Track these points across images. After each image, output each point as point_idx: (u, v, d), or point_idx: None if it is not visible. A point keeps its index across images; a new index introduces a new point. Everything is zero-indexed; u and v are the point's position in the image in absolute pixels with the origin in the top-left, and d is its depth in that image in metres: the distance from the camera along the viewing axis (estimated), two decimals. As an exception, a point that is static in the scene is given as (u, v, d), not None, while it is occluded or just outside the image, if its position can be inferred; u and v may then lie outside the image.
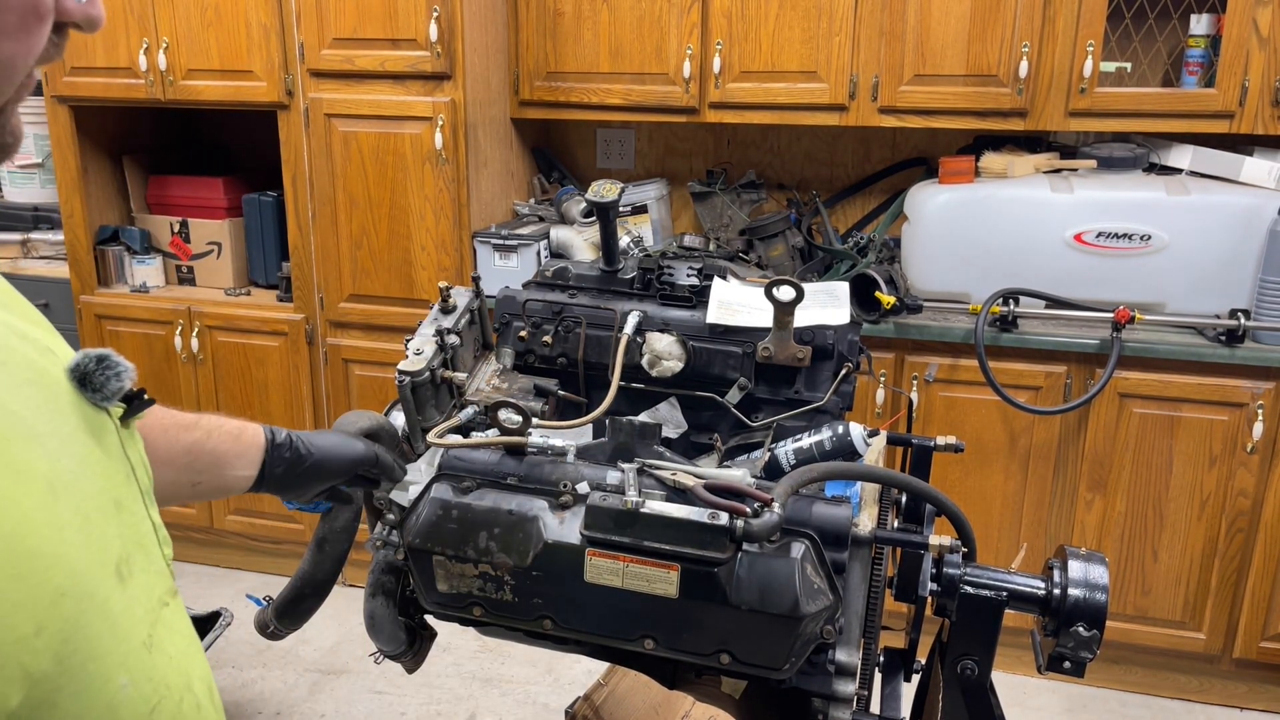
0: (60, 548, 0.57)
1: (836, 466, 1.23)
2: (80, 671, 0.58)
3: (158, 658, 0.67)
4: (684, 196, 3.27)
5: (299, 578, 1.33)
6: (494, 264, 2.89)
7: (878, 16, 2.70)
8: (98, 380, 0.68)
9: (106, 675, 0.60)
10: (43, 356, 0.66)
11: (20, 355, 0.63)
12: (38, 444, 0.59)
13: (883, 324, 2.65)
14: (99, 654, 0.59)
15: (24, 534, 0.55)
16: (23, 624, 0.53)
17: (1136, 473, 2.61)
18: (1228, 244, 2.54)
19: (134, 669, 0.63)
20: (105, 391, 0.68)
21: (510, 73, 3.03)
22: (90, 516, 0.62)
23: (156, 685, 0.66)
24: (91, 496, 0.64)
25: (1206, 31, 2.62)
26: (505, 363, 1.54)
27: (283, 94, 2.90)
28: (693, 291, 1.53)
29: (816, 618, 1.12)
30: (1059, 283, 2.62)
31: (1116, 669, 2.78)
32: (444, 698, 2.75)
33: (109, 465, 0.68)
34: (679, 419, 1.51)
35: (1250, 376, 2.48)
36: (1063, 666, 1.19)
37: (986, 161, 2.77)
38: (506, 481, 1.23)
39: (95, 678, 0.59)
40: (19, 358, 0.63)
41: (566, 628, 1.21)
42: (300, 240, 3.03)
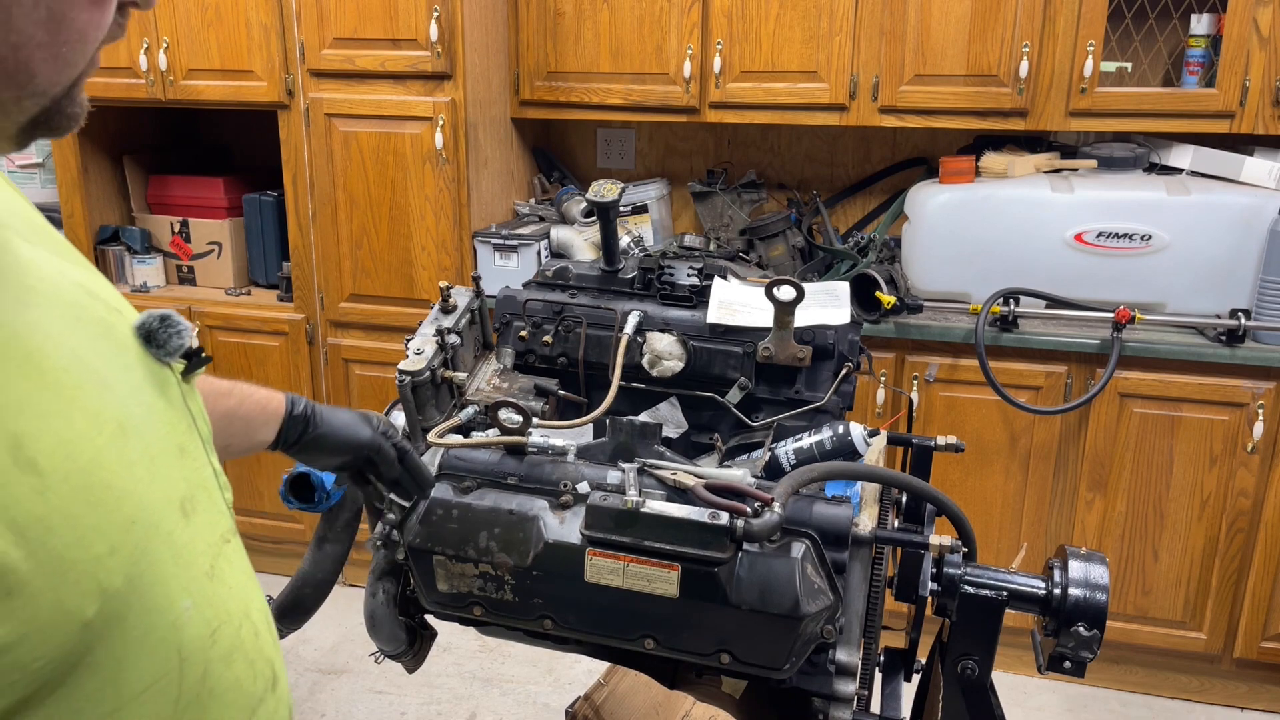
0: (130, 483, 0.64)
1: (837, 466, 1.23)
2: (148, 591, 0.64)
3: (219, 587, 0.73)
4: (684, 196, 3.27)
5: (299, 577, 1.33)
6: (494, 264, 2.89)
7: (878, 16, 2.70)
8: (161, 337, 0.74)
9: (171, 597, 0.66)
10: (111, 314, 0.72)
11: (92, 313, 0.69)
12: (109, 391, 0.66)
13: (883, 324, 2.65)
14: (164, 578, 0.66)
15: (98, 469, 0.61)
16: (97, 544, 0.59)
17: (1137, 473, 2.61)
18: (1228, 244, 2.54)
19: (197, 594, 0.69)
20: (168, 348, 0.74)
21: (510, 72, 3.03)
22: (156, 458, 0.69)
23: (218, 611, 0.72)
24: (157, 441, 0.70)
25: (1207, 31, 2.62)
26: (505, 363, 1.54)
27: (283, 94, 2.90)
28: (693, 291, 1.53)
29: (817, 618, 1.12)
30: (1059, 283, 2.62)
31: (1117, 669, 2.78)
32: (444, 697, 2.75)
33: (172, 414, 0.74)
34: (679, 419, 1.51)
35: (1251, 376, 2.48)
36: (1063, 666, 1.19)
37: (987, 161, 2.77)
38: (507, 481, 1.23)
39: (161, 599, 0.65)
40: (91, 315, 0.69)
41: (567, 627, 1.21)
42: (300, 240, 3.03)
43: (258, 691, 0.76)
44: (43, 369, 0.60)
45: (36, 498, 0.56)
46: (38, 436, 0.57)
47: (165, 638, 0.66)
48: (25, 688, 0.56)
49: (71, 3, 0.60)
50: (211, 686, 0.70)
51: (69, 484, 0.58)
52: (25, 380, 0.58)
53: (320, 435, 1.13)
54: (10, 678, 0.55)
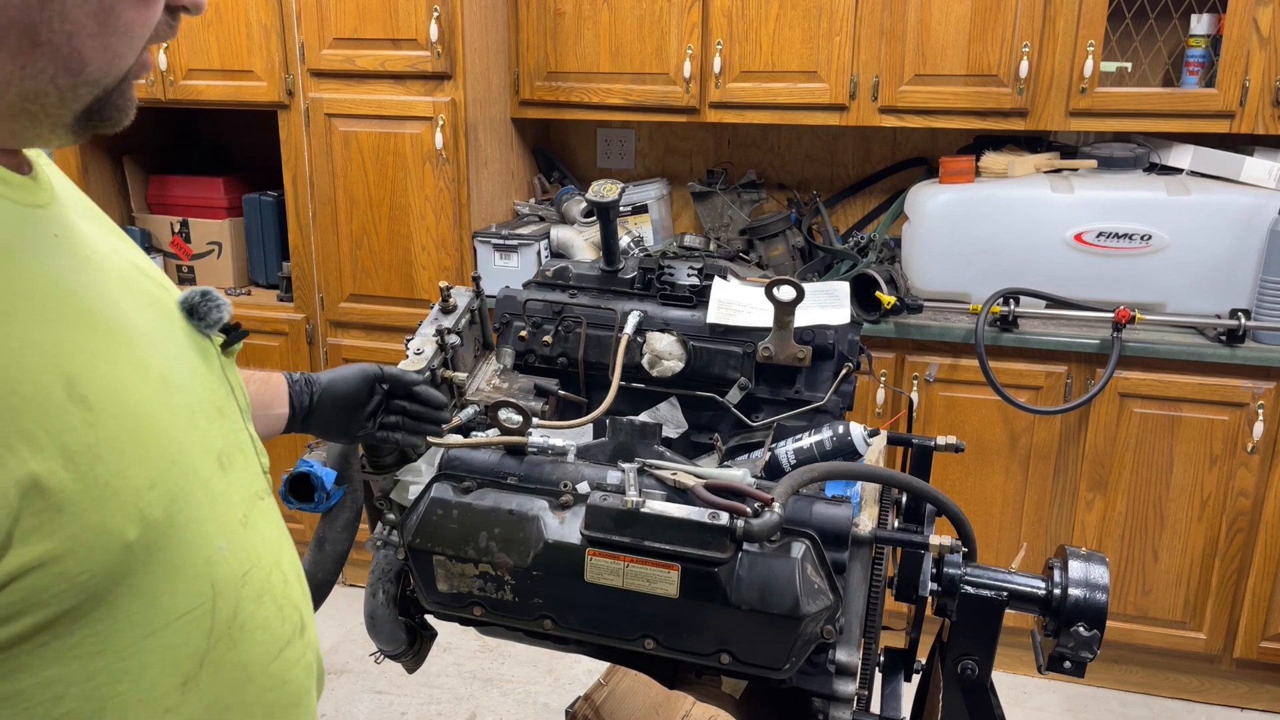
0: (171, 429, 0.71)
1: (836, 466, 1.23)
2: (185, 527, 0.70)
3: (251, 534, 0.79)
4: (684, 196, 3.27)
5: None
6: (494, 264, 2.89)
7: (878, 16, 2.70)
8: (202, 310, 0.81)
9: (207, 536, 0.72)
10: (157, 289, 0.80)
11: (140, 285, 0.77)
12: (155, 350, 0.72)
13: (883, 324, 2.65)
14: (201, 518, 0.72)
15: (143, 412, 0.68)
16: (139, 476, 0.66)
17: (1137, 473, 2.61)
18: (1228, 244, 2.54)
19: (230, 537, 0.75)
20: (208, 320, 0.81)
21: (510, 73, 3.03)
22: (196, 414, 0.75)
23: (250, 555, 0.77)
24: (197, 399, 0.76)
25: (1207, 31, 2.62)
26: (505, 363, 1.54)
27: (283, 94, 2.91)
28: (693, 291, 1.53)
29: (817, 618, 1.12)
30: (1059, 283, 2.62)
31: (1116, 669, 2.78)
32: (444, 697, 2.75)
33: (212, 380, 0.81)
34: (679, 419, 1.51)
35: (1250, 376, 2.48)
36: (1063, 666, 1.19)
37: (987, 161, 2.77)
38: (507, 481, 1.23)
39: (197, 535, 0.71)
40: (140, 287, 0.77)
41: (567, 627, 1.21)
42: (300, 240, 3.03)
43: (286, 634, 0.81)
44: (95, 323, 0.67)
45: (86, 428, 0.62)
46: (89, 377, 0.64)
47: (200, 572, 0.71)
48: (72, 598, 0.62)
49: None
50: (242, 623, 0.75)
51: (116, 420, 0.65)
52: (79, 330, 0.65)
53: (327, 385, 1.15)
54: (59, 587, 0.61)
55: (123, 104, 0.69)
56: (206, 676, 0.72)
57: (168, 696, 0.69)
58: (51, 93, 0.65)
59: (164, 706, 0.69)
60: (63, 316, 0.64)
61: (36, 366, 0.61)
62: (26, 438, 0.59)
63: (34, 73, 0.63)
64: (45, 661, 0.63)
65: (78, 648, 0.64)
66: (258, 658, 0.77)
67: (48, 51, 0.63)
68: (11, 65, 0.62)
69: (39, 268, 0.65)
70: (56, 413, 0.61)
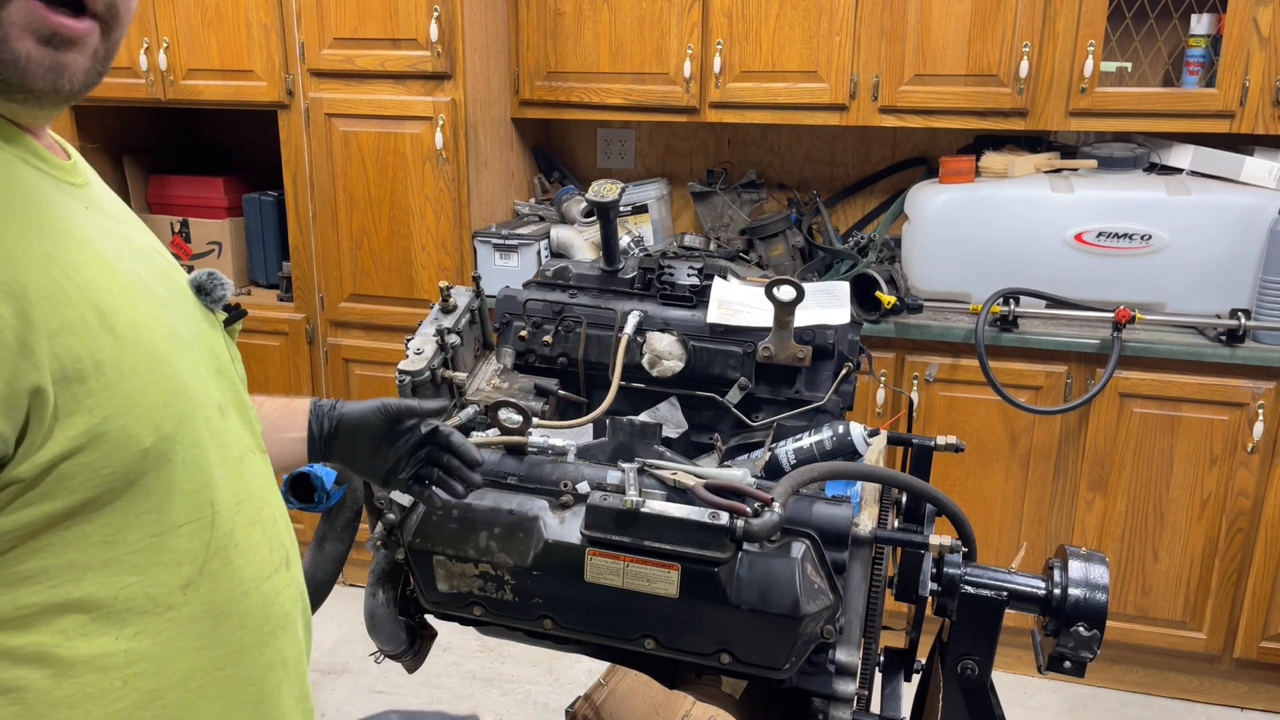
0: (178, 369, 0.80)
1: (836, 466, 1.23)
2: (190, 447, 0.80)
3: (245, 472, 0.87)
4: (684, 196, 3.27)
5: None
6: (494, 264, 2.89)
7: (878, 16, 2.70)
8: (209, 287, 0.90)
9: (207, 461, 0.81)
10: (169, 267, 0.89)
11: (156, 262, 0.87)
12: (165, 309, 0.82)
13: (883, 324, 2.65)
14: (203, 443, 0.81)
15: (157, 348, 0.78)
16: (155, 395, 0.76)
17: (1137, 472, 2.61)
18: (1228, 244, 2.54)
19: (228, 470, 0.84)
20: (214, 296, 0.90)
21: (510, 72, 3.03)
22: (199, 366, 0.84)
23: (244, 488, 0.86)
24: (201, 356, 0.85)
25: (1207, 31, 2.62)
26: (505, 362, 1.54)
27: (283, 94, 2.90)
28: (693, 291, 1.53)
29: (817, 617, 1.12)
30: (1059, 283, 2.62)
31: (1116, 669, 2.78)
32: (444, 698, 2.75)
33: (215, 345, 0.89)
34: (679, 419, 1.51)
35: (1250, 376, 2.48)
36: (1063, 666, 1.19)
37: (987, 161, 2.77)
38: (507, 481, 1.23)
39: (199, 458, 0.81)
40: (156, 263, 0.86)
41: (567, 627, 1.21)
42: (300, 240, 3.03)
43: (273, 562, 0.89)
44: (118, 275, 0.77)
45: (115, 350, 0.73)
46: (115, 313, 0.74)
47: (201, 489, 0.81)
48: (93, 489, 0.73)
49: None
50: (237, 543, 0.84)
51: (137, 348, 0.75)
52: (106, 277, 0.76)
53: (344, 413, 1.13)
54: (84, 476, 0.72)
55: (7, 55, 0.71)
56: (205, 584, 0.81)
57: (171, 595, 0.78)
58: None
59: (167, 604, 0.78)
60: (94, 264, 0.75)
61: (77, 296, 0.72)
62: (68, 347, 0.70)
63: None
64: (65, 544, 0.73)
65: (93, 535, 0.74)
66: (249, 576, 0.85)
67: None
68: None
69: (71, 225, 0.76)
70: (92, 334, 0.72)
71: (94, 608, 0.74)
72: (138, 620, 0.76)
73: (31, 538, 0.71)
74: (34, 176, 0.76)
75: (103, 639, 0.75)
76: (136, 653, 0.76)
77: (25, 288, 0.68)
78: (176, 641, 0.79)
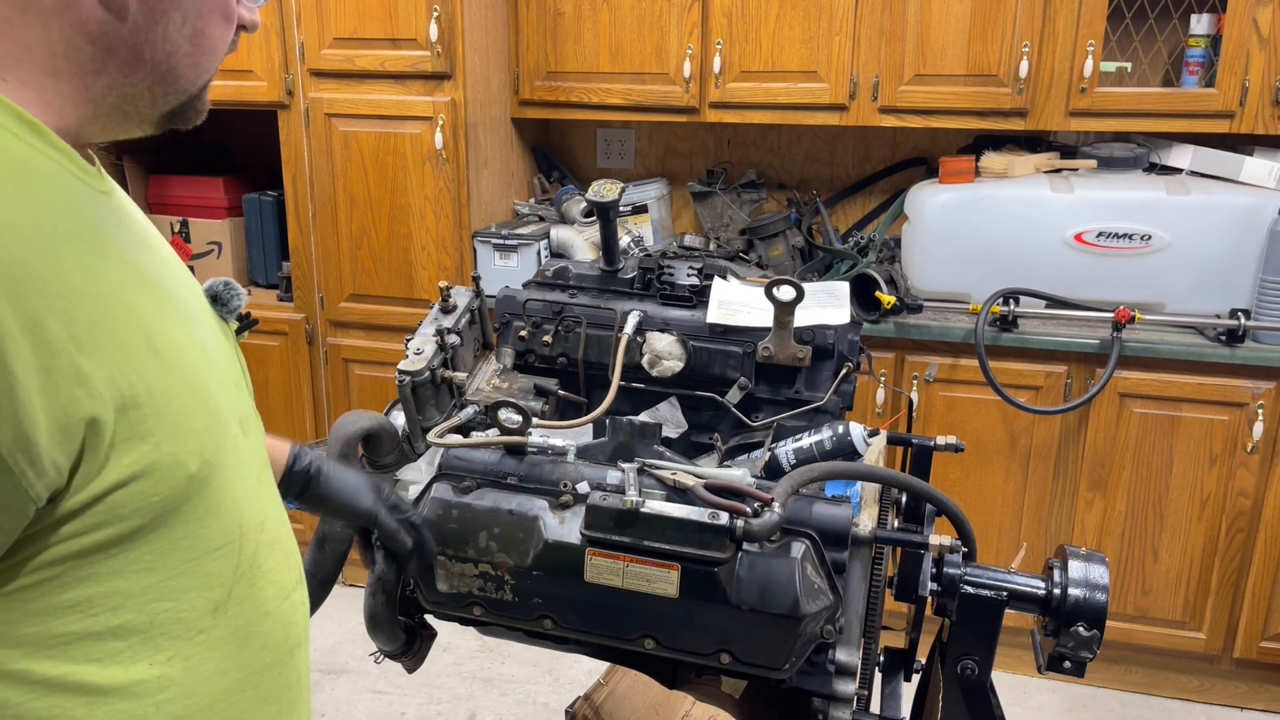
0: (211, 389, 0.80)
1: (836, 466, 1.23)
2: (224, 471, 0.79)
3: (263, 490, 0.88)
4: (684, 196, 3.27)
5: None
6: (494, 264, 2.89)
7: (878, 16, 2.70)
8: (225, 297, 0.90)
9: (235, 483, 0.81)
10: (189, 276, 0.89)
11: (180, 271, 0.87)
12: (196, 325, 0.82)
13: (883, 324, 2.65)
14: (231, 465, 0.81)
15: (195, 370, 0.78)
16: (197, 420, 0.76)
17: (1136, 473, 2.61)
18: (1228, 244, 2.54)
19: (250, 489, 0.85)
20: (230, 307, 0.91)
21: (510, 72, 3.03)
22: (224, 383, 0.84)
23: (264, 507, 0.87)
24: (223, 371, 0.86)
25: (1207, 31, 2.62)
26: (505, 362, 1.54)
27: (283, 94, 2.90)
28: (693, 291, 1.53)
29: (816, 617, 1.12)
30: (1059, 283, 2.62)
31: (1116, 669, 2.78)
32: (444, 697, 2.75)
33: (232, 357, 0.90)
34: (679, 419, 1.51)
35: (1250, 376, 2.48)
36: (1063, 666, 1.19)
37: (986, 161, 2.77)
38: (507, 481, 1.23)
39: (230, 480, 0.81)
40: (179, 272, 0.86)
41: (567, 627, 1.21)
42: (300, 240, 3.03)
43: (290, 581, 0.90)
44: (157, 293, 0.77)
45: (160, 373, 0.72)
46: (159, 334, 0.74)
47: (232, 512, 0.81)
48: (142, 517, 0.72)
49: (210, 21, 0.78)
50: (260, 564, 0.84)
51: (179, 371, 0.75)
52: (148, 296, 0.75)
53: (321, 495, 1.17)
54: (135, 504, 0.71)
55: (200, 106, 0.84)
56: (233, 606, 0.81)
57: (201, 619, 0.78)
58: (146, 98, 0.78)
59: (198, 628, 0.78)
60: (136, 283, 0.74)
61: (124, 319, 0.71)
62: (122, 373, 0.69)
63: (134, 82, 0.76)
64: (110, 572, 0.72)
65: (137, 563, 0.73)
66: (271, 596, 0.86)
67: (149, 66, 0.75)
68: (118, 75, 0.74)
69: (113, 241, 0.75)
70: (140, 357, 0.71)
71: (131, 634, 0.74)
72: (171, 645, 0.76)
73: (78, 567, 0.70)
74: (76, 188, 0.74)
75: (137, 666, 0.74)
76: (169, 678, 0.76)
77: (76, 310, 0.66)
78: (205, 665, 0.79)
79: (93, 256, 0.70)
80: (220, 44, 0.81)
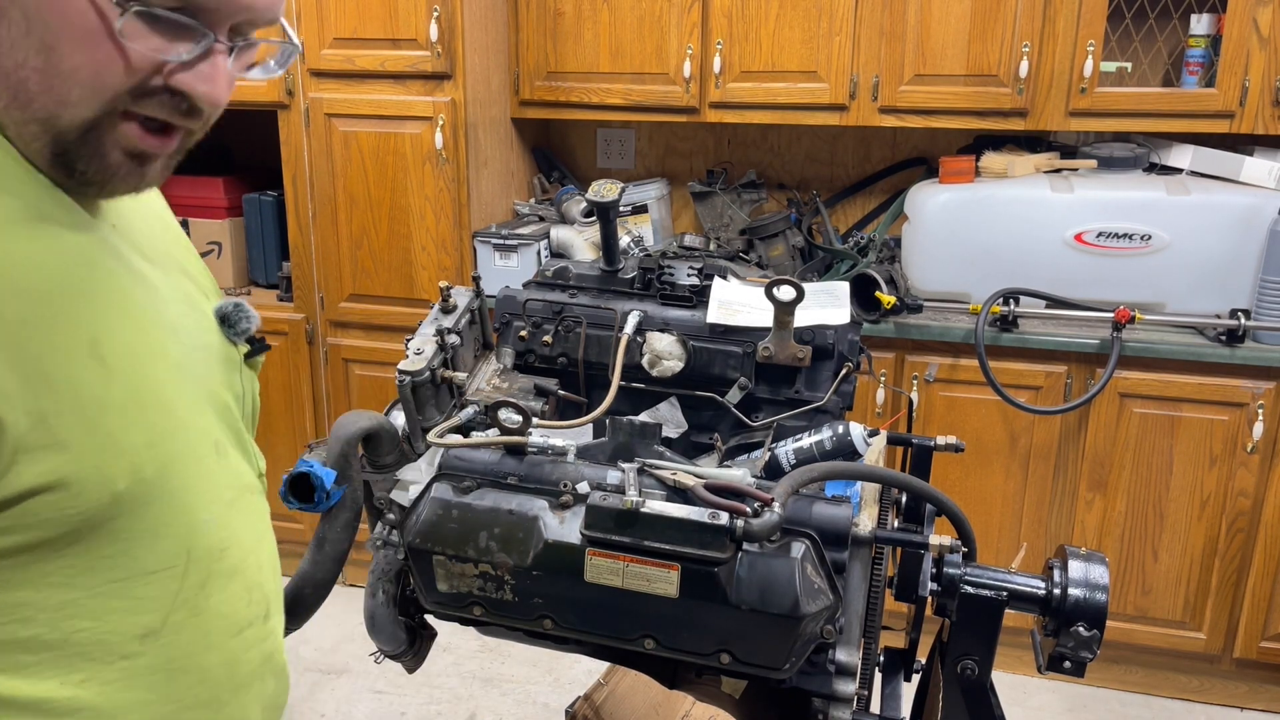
0: (177, 406, 0.76)
1: (836, 466, 1.23)
2: (176, 492, 0.76)
3: (236, 516, 0.84)
4: (684, 196, 3.27)
5: (299, 577, 1.33)
6: (494, 264, 2.89)
7: (878, 16, 2.70)
8: (234, 319, 0.88)
9: (193, 507, 0.78)
10: (198, 293, 0.88)
11: (182, 287, 0.85)
12: (176, 338, 0.79)
13: (883, 324, 2.65)
14: (191, 489, 0.77)
15: (154, 383, 0.74)
16: (138, 434, 0.72)
17: (1136, 473, 2.61)
18: (1228, 244, 2.54)
19: (216, 514, 0.80)
20: (238, 329, 0.88)
21: (510, 72, 3.03)
22: (202, 401, 0.81)
23: (232, 534, 0.82)
24: (207, 389, 0.82)
25: (1207, 31, 2.62)
26: (505, 362, 1.54)
27: (283, 93, 2.90)
28: (693, 291, 1.53)
29: (816, 617, 1.12)
30: (1059, 283, 2.62)
31: (1116, 669, 2.78)
32: (444, 697, 2.75)
33: (228, 380, 0.87)
34: (679, 419, 1.51)
35: (1250, 376, 2.48)
36: (1063, 666, 1.19)
37: (986, 161, 2.77)
38: (507, 481, 1.23)
39: (184, 503, 0.77)
40: (180, 288, 0.84)
41: (566, 627, 1.21)
42: (300, 240, 3.03)
43: (249, 615, 0.85)
44: (126, 300, 0.74)
45: (100, 384, 0.69)
46: (111, 343, 0.71)
47: (179, 535, 0.77)
48: (56, 529, 0.68)
49: (60, 37, 0.66)
50: (209, 594, 0.80)
51: (127, 382, 0.71)
52: (110, 301, 0.72)
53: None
54: (48, 514, 0.67)
55: (97, 162, 0.71)
56: (167, 635, 0.77)
57: (126, 644, 0.74)
58: (9, 124, 0.69)
59: (121, 653, 0.74)
60: (94, 284, 0.71)
61: (66, 323, 0.68)
62: (45, 377, 0.66)
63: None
64: (21, 581, 0.69)
65: (51, 576, 0.70)
66: (217, 630, 0.81)
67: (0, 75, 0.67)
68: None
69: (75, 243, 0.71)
70: (76, 364, 0.68)
71: (41, 649, 0.70)
72: (87, 667, 0.72)
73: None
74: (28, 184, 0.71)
75: (47, 683, 0.71)
76: (81, 701, 0.72)
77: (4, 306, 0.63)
78: (126, 693, 0.75)
79: (44, 255, 0.68)
80: (84, 72, 0.67)
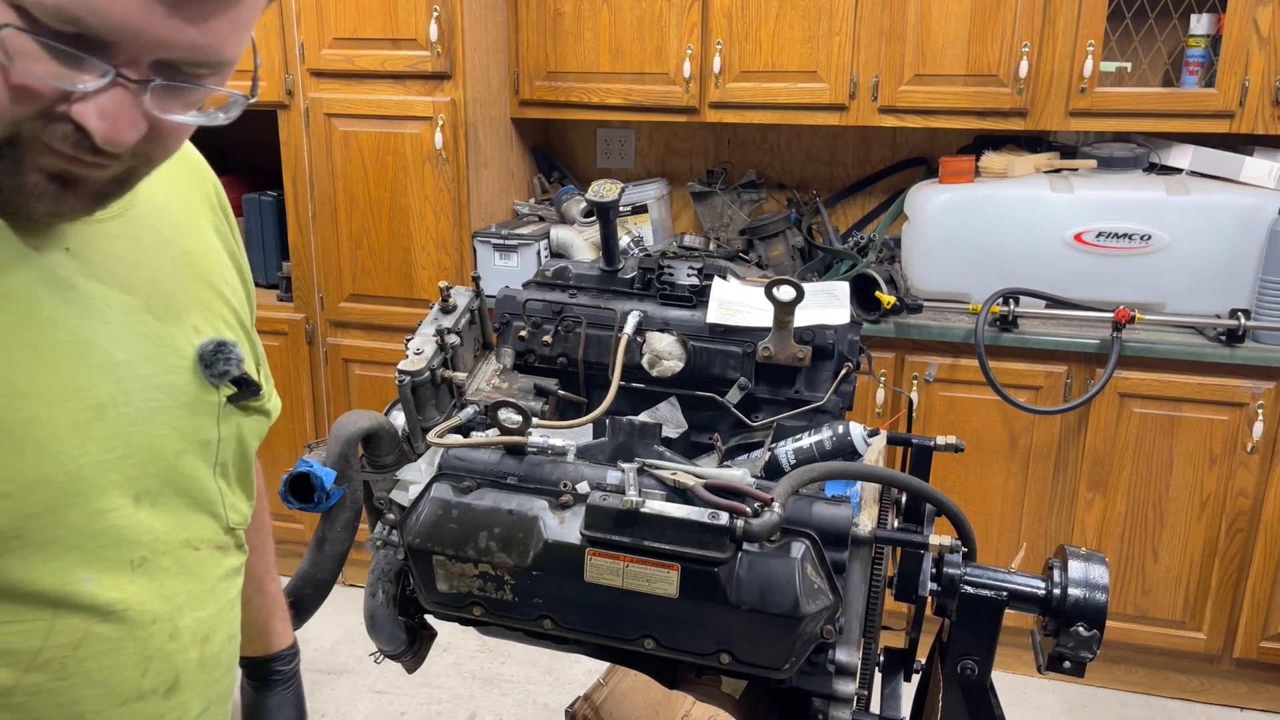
0: (68, 452, 0.68)
1: (836, 466, 1.23)
2: (42, 547, 0.68)
3: (143, 580, 0.75)
4: (684, 196, 3.27)
5: (299, 577, 1.33)
6: (494, 264, 2.89)
7: (878, 16, 2.70)
8: (210, 360, 0.81)
9: (68, 565, 0.70)
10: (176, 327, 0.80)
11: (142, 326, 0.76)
12: (111, 377, 0.72)
13: (883, 324, 2.65)
14: (68, 545, 0.69)
15: (35, 427, 0.66)
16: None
17: (1136, 473, 2.61)
18: (1228, 244, 2.54)
19: (104, 575, 0.72)
20: (214, 370, 0.81)
21: (510, 72, 3.03)
22: (134, 447, 0.73)
23: (125, 598, 0.74)
24: (148, 434, 0.75)
25: (1207, 31, 2.62)
26: (505, 362, 1.54)
27: (283, 94, 2.90)
28: (693, 291, 1.53)
29: (816, 618, 1.12)
30: (1059, 283, 2.62)
31: (1116, 669, 2.78)
32: (444, 697, 2.75)
33: (194, 425, 0.80)
34: (679, 419, 1.51)
35: (1250, 376, 2.48)
36: (1063, 666, 1.19)
37: (986, 161, 2.77)
38: (506, 481, 1.23)
39: (55, 560, 0.69)
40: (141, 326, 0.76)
41: (566, 628, 1.21)
42: (300, 240, 3.03)
43: (141, 687, 0.76)
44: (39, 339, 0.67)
45: None
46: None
47: (42, 592, 0.69)
48: None
49: None
50: (84, 658, 0.72)
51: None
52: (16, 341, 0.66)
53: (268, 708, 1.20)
54: None
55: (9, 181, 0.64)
56: (19, 696, 0.70)
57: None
58: None
59: None
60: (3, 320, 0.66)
61: None
62: None
63: None
64: None
65: None
66: (93, 698, 0.74)
67: None
68: None
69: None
70: None
71: None
72: None
73: None
74: None
75: None
76: None
77: None
78: None
79: None
80: None
